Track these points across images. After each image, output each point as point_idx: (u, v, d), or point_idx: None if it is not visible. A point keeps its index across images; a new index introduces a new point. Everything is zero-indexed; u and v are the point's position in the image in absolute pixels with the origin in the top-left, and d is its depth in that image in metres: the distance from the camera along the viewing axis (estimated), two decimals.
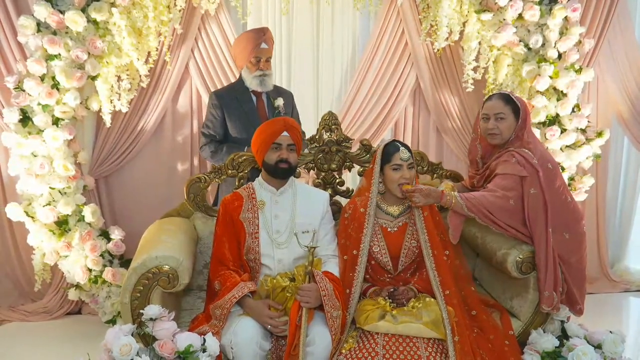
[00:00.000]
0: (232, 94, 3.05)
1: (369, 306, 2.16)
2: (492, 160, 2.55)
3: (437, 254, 2.28)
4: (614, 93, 3.82)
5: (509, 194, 2.39)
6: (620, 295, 3.93)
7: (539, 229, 2.39)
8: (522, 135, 2.47)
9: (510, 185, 2.40)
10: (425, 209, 2.35)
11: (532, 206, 2.40)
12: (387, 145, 2.37)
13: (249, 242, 2.32)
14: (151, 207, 3.44)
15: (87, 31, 2.89)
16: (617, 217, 4.14)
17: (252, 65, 2.98)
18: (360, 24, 3.64)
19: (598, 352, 2.15)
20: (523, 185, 2.40)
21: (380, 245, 2.33)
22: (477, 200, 2.37)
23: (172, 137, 3.53)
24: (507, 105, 2.48)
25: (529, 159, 2.41)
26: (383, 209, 2.39)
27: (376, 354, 2.01)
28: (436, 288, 2.22)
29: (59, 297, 3.44)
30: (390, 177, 2.32)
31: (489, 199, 2.38)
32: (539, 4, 3.20)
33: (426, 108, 3.72)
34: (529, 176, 2.39)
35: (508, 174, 2.41)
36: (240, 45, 3.00)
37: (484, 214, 2.37)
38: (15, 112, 2.89)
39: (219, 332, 2.07)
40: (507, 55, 3.33)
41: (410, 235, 2.35)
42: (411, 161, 2.33)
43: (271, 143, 2.33)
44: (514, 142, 2.48)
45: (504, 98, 2.50)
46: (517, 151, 2.44)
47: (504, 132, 2.48)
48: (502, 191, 2.39)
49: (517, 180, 2.40)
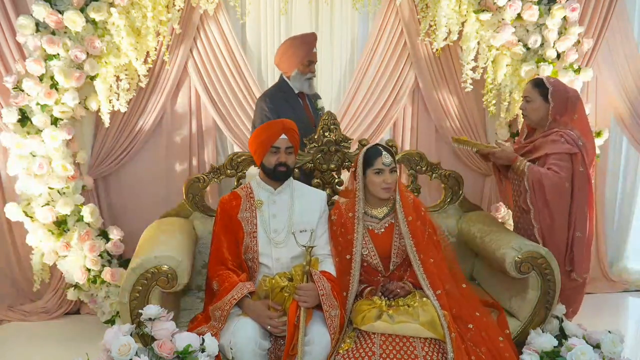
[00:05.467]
0: (282, 96, 3.07)
1: (365, 306, 2.17)
2: (537, 137, 2.71)
3: (423, 258, 2.29)
4: (613, 93, 3.82)
5: (566, 174, 2.57)
6: (619, 295, 3.93)
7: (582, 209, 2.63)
8: (559, 119, 2.65)
9: (566, 165, 2.58)
10: (410, 213, 2.34)
11: (579, 186, 2.60)
12: (369, 149, 2.36)
13: (247, 242, 2.32)
14: (150, 207, 3.44)
15: (86, 31, 2.89)
16: (616, 217, 4.14)
17: (305, 67, 3.03)
18: (359, 24, 3.63)
19: (597, 352, 2.15)
20: (573, 164, 2.59)
21: (368, 248, 2.34)
22: (540, 174, 2.57)
23: (171, 137, 3.52)
24: (535, 88, 2.68)
25: (575, 140, 2.60)
26: (368, 212, 2.39)
27: (373, 354, 2.01)
28: (427, 289, 2.23)
29: (58, 297, 3.44)
30: (372, 181, 2.32)
31: (550, 176, 2.56)
32: (537, 4, 3.20)
33: (425, 108, 3.72)
34: (579, 153, 2.59)
35: (562, 152, 2.59)
36: (291, 49, 3.03)
37: (540, 186, 2.56)
38: (14, 112, 2.89)
39: (218, 334, 2.07)
40: (505, 55, 3.33)
41: (398, 235, 2.35)
42: (393, 165, 2.32)
43: (270, 146, 2.33)
44: (553, 124, 2.66)
45: (534, 82, 2.73)
46: (563, 131, 2.61)
47: (531, 114, 2.70)
48: (563, 173, 2.56)
49: (569, 159, 2.59)
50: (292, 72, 3.05)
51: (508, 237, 2.54)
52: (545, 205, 2.59)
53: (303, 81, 3.06)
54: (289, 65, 3.04)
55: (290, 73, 3.06)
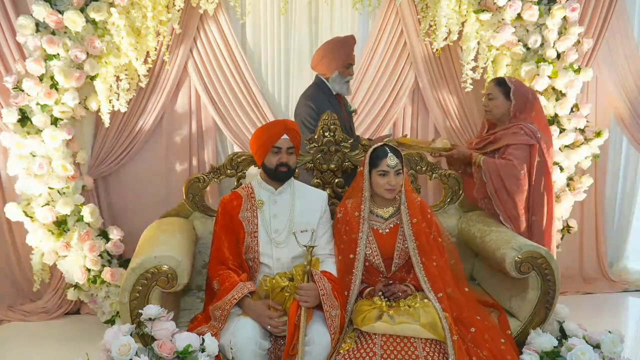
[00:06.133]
0: (324, 97, 3.08)
1: (366, 307, 2.16)
2: (498, 130, 2.93)
3: (425, 261, 2.27)
4: (613, 93, 3.83)
5: (520, 162, 2.78)
6: (619, 295, 3.93)
7: (540, 195, 2.88)
8: (519, 115, 2.88)
9: (523, 154, 2.80)
10: (415, 215, 2.32)
11: (537, 173, 2.84)
12: (376, 149, 2.34)
13: (248, 242, 2.32)
14: (150, 207, 3.44)
15: (86, 31, 2.89)
16: (616, 217, 4.14)
17: (345, 69, 3.06)
18: (359, 24, 3.63)
19: (597, 352, 2.15)
20: (531, 154, 2.82)
21: (372, 248, 2.33)
22: (495, 165, 2.81)
23: (171, 137, 3.52)
24: (497, 87, 2.92)
25: (534, 132, 2.83)
26: (373, 211, 2.38)
27: (374, 354, 2.01)
28: (428, 292, 2.22)
29: (58, 297, 3.44)
30: (377, 182, 2.31)
31: (504, 165, 2.80)
32: (537, 4, 3.21)
33: (425, 108, 3.72)
34: (536, 144, 2.82)
35: (520, 143, 2.81)
36: (332, 52, 3.05)
37: (497, 176, 2.79)
38: (14, 112, 2.89)
39: (218, 334, 2.07)
40: (505, 55, 3.33)
41: (402, 236, 2.33)
42: (399, 167, 2.30)
43: (271, 146, 2.32)
44: (513, 120, 2.89)
45: (496, 80, 2.98)
46: (524, 124, 2.84)
47: (494, 110, 2.93)
48: (517, 160, 2.78)
49: (527, 150, 2.82)
50: (331, 74, 3.06)
51: (508, 237, 2.54)
52: (505, 192, 2.80)
53: (342, 83, 3.10)
54: (329, 67, 3.06)
55: (329, 75, 3.07)
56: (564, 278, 3.53)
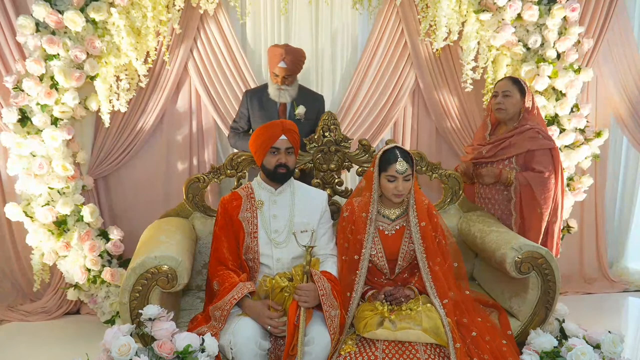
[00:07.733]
0: (260, 95, 3.12)
1: (367, 312, 2.14)
2: (510, 133, 2.89)
3: (432, 265, 2.25)
4: (613, 93, 3.83)
5: (550, 169, 2.82)
6: (619, 296, 3.93)
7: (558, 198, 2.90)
8: (527, 115, 2.89)
9: (547, 159, 2.83)
10: (424, 219, 2.30)
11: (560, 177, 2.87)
12: (386, 152, 2.26)
13: (248, 242, 2.32)
14: (150, 207, 3.45)
15: (86, 31, 2.89)
16: (616, 217, 4.15)
17: (274, 76, 3.05)
18: (359, 24, 3.64)
19: (597, 352, 2.15)
20: (554, 156, 2.85)
21: (377, 249, 2.31)
22: (526, 181, 2.82)
23: (171, 137, 3.53)
24: (514, 85, 2.90)
25: (549, 135, 2.88)
26: (380, 211, 2.36)
27: (375, 358, 2.00)
28: (433, 297, 2.20)
29: (58, 297, 3.44)
30: (385, 186, 2.27)
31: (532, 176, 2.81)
32: (537, 4, 3.21)
33: (425, 108, 3.72)
34: (556, 146, 2.86)
35: (542, 148, 2.83)
36: (268, 55, 3.07)
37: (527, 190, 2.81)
38: (14, 112, 2.89)
39: (218, 334, 2.07)
40: (506, 55, 3.33)
41: (408, 239, 2.31)
42: (408, 173, 2.23)
43: (269, 147, 2.32)
44: (522, 120, 2.89)
45: (512, 79, 2.94)
46: (537, 128, 2.85)
47: (509, 108, 2.90)
48: (545, 169, 2.81)
49: (549, 153, 2.84)
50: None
51: (508, 237, 2.53)
52: (530, 208, 2.84)
53: (275, 89, 3.08)
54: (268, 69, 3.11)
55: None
56: (564, 278, 3.55)
